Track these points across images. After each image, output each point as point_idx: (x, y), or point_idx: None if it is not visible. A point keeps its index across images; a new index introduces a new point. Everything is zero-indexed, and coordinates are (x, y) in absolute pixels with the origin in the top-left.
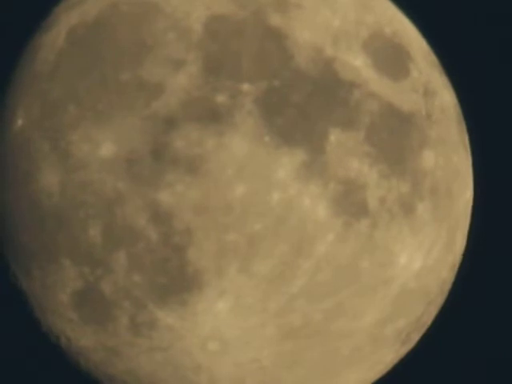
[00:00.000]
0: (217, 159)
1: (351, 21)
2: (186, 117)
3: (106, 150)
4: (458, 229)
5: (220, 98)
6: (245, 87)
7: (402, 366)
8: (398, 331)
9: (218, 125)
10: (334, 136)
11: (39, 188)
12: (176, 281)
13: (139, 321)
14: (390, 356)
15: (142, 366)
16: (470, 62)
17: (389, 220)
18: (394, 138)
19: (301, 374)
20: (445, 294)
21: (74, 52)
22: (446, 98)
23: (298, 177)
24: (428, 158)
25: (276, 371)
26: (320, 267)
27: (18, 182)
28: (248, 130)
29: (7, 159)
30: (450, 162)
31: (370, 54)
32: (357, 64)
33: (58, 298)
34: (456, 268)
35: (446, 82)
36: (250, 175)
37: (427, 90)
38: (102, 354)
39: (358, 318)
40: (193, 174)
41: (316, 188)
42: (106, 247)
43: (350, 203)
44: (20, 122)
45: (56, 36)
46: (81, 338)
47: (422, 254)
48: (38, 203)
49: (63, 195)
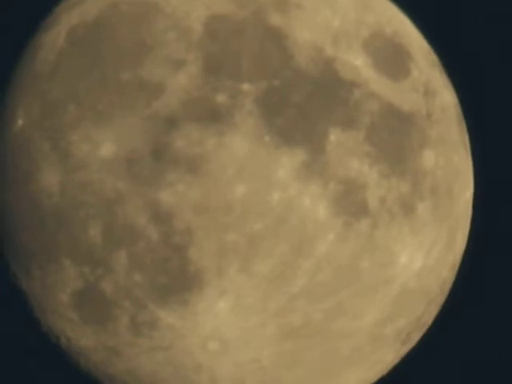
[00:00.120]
0: (217, 159)
1: (351, 20)
2: (186, 117)
3: (106, 149)
4: (459, 229)
5: (220, 98)
6: (245, 87)
7: (402, 366)
8: (398, 331)
9: (219, 125)
10: (334, 136)
11: (39, 188)
12: (176, 280)
13: (140, 320)
14: (391, 356)
15: (142, 365)
16: (470, 62)
17: (389, 220)
18: (395, 137)
19: (301, 373)
20: (445, 294)
21: (74, 52)
22: (446, 97)
23: (298, 177)
24: (428, 157)
25: (276, 371)
26: (320, 267)
27: (18, 181)
28: (248, 129)
29: (7, 159)
30: (450, 162)
31: (371, 53)
32: (357, 64)
33: (58, 297)
34: (456, 268)
35: (446, 81)
36: (250, 175)
37: (427, 89)
38: (102, 353)
39: (358, 317)
40: (193, 173)
41: (316, 188)
42: (106, 247)
43: (350, 203)
44: (20, 122)
45: (56, 36)
46: (81, 337)
47: (423, 253)
48: (38, 203)
49: (63, 195)
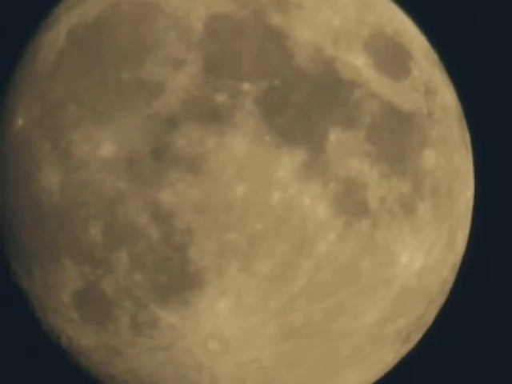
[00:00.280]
0: (217, 159)
1: (352, 20)
2: (186, 116)
3: (107, 149)
4: (459, 228)
5: (220, 98)
6: (245, 87)
7: (402, 366)
8: (398, 331)
9: (219, 124)
10: (334, 135)
11: (40, 187)
12: (177, 280)
13: (140, 320)
14: (391, 356)
15: (143, 365)
16: (470, 61)
17: (389, 220)
18: (395, 137)
19: (301, 373)
20: (445, 294)
21: (74, 52)
22: (447, 96)
23: (298, 176)
24: (429, 157)
25: (276, 371)
26: (320, 267)
27: (18, 181)
28: (248, 129)
29: (8, 159)
30: (450, 162)
31: (371, 53)
32: (357, 63)
33: (58, 297)
34: (457, 267)
35: (447, 80)
36: (251, 175)
37: (428, 89)
38: (102, 353)
39: (359, 317)
40: (193, 173)
41: (316, 188)
42: (106, 247)
43: (351, 203)
44: (20, 122)
45: (56, 36)
46: (82, 337)
47: (423, 253)
48: (38, 203)
49: (64, 195)
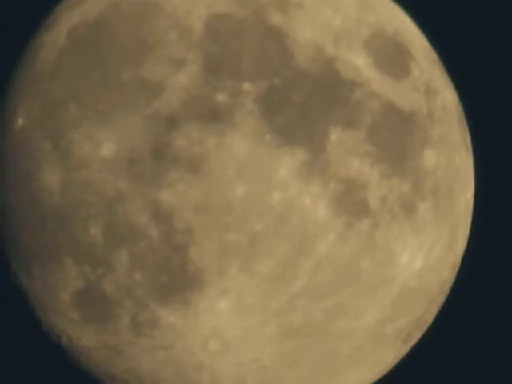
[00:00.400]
0: (218, 158)
1: (352, 20)
2: (186, 116)
3: (107, 149)
4: (460, 228)
5: (221, 98)
6: (245, 86)
7: (402, 366)
8: (398, 331)
9: (219, 124)
10: (334, 135)
11: (40, 187)
12: (177, 280)
13: (141, 320)
14: (391, 355)
15: (143, 364)
16: (471, 61)
17: (390, 220)
18: (395, 137)
19: (301, 373)
20: (446, 294)
21: (75, 51)
22: (447, 96)
23: (298, 176)
24: (429, 157)
25: (277, 371)
26: (321, 267)
27: (19, 181)
28: (249, 129)
29: (8, 158)
30: (451, 162)
31: (372, 53)
32: (358, 63)
33: (59, 297)
34: (457, 267)
35: (447, 80)
36: (251, 174)
37: (429, 88)
38: (103, 353)
39: (359, 317)
40: (194, 173)
41: (317, 187)
42: (107, 246)
43: (351, 203)
44: (21, 122)
45: (57, 35)
46: (82, 337)
47: (423, 253)
48: (39, 202)
49: (64, 194)
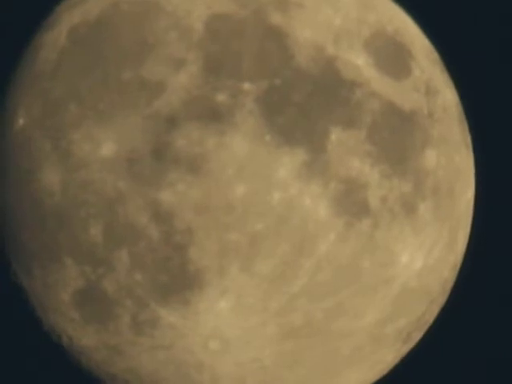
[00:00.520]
0: (218, 158)
1: (353, 19)
2: (186, 116)
3: (107, 149)
4: (460, 228)
5: (221, 97)
6: (245, 86)
7: (402, 366)
8: (398, 331)
9: (219, 124)
10: (335, 135)
11: (40, 187)
12: (177, 280)
13: (141, 319)
14: (391, 356)
15: (144, 364)
16: (471, 61)
17: (390, 220)
18: (396, 137)
19: (301, 373)
20: (446, 294)
21: (75, 51)
22: (448, 96)
23: (299, 176)
24: (430, 157)
25: (277, 370)
26: (321, 267)
27: (19, 181)
28: (249, 129)
29: (9, 158)
30: (451, 162)
31: (372, 52)
32: (358, 63)
33: (59, 297)
34: (458, 267)
35: (447, 80)
36: (251, 175)
37: (429, 88)
38: (103, 352)
39: (359, 317)
40: (194, 173)
41: (317, 187)
42: (107, 246)
43: (352, 203)
44: (21, 121)
45: (58, 35)
46: (82, 336)
47: (424, 253)
48: (39, 202)
49: (64, 194)
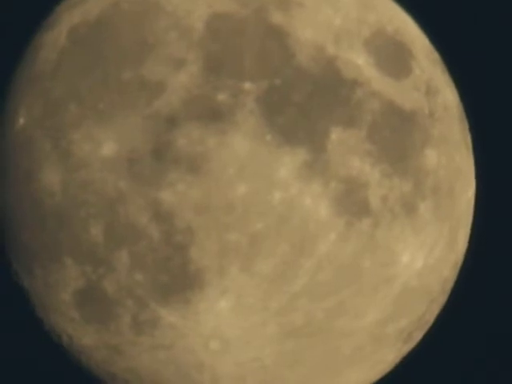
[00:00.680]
0: (218, 158)
1: (353, 19)
2: (187, 116)
3: (108, 149)
4: (460, 228)
5: (221, 97)
6: (246, 86)
7: (403, 366)
8: (399, 330)
9: (220, 124)
10: (335, 135)
11: (41, 187)
12: (178, 279)
13: (141, 319)
14: (392, 355)
15: (144, 364)
16: (472, 61)
17: (391, 219)
18: (396, 136)
19: (302, 372)
20: (447, 293)
21: (75, 51)
22: (448, 96)
23: (299, 176)
24: (430, 156)
25: (277, 370)
26: (321, 266)
27: (19, 180)
28: (249, 128)
29: (9, 158)
30: (452, 161)
31: (372, 52)
32: (359, 62)
33: (60, 296)
34: (458, 267)
35: (448, 80)
36: (252, 174)
37: (429, 88)
38: (104, 352)
39: (360, 317)
40: (194, 173)
41: (318, 187)
42: (107, 246)
43: (352, 202)
44: (22, 121)
45: (58, 35)
46: (83, 336)
47: (424, 253)
48: (39, 202)
49: (65, 194)
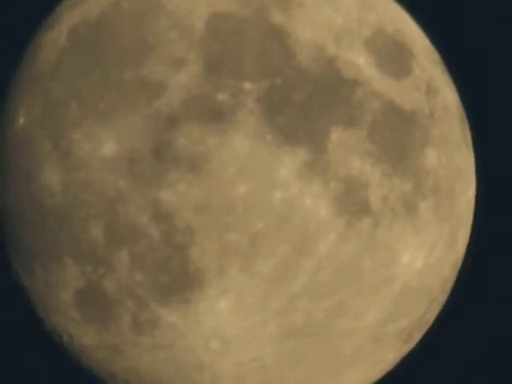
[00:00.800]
0: (218, 158)
1: (353, 19)
2: (187, 115)
3: (108, 148)
4: (460, 228)
5: (222, 97)
6: (247, 86)
7: (403, 366)
8: (399, 330)
9: (220, 123)
10: (335, 135)
11: (41, 187)
12: (178, 279)
13: (141, 319)
14: (392, 355)
15: (144, 364)
16: (472, 61)
17: (391, 219)
18: (397, 136)
19: (302, 372)
20: (447, 293)
21: (76, 51)
22: (448, 96)
23: (299, 176)
24: (430, 156)
25: (277, 370)
26: (322, 266)
27: (19, 180)
28: (250, 128)
29: (9, 158)
30: (452, 161)
31: (373, 52)
32: (359, 62)
33: (60, 296)
34: (458, 267)
35: (448, 80)
36: (252, 174)
37: (430, 88)
38: (104, 352)
39: (360, 317)
40: (194, 172)
41: (318, 187)
42: (107, 246)
43: (352, 202)
44: (22, 121)
45: (58, 35)
46: (83, 336)
47: (424, 252)
48: (39, 202)
49: (65, 194)
